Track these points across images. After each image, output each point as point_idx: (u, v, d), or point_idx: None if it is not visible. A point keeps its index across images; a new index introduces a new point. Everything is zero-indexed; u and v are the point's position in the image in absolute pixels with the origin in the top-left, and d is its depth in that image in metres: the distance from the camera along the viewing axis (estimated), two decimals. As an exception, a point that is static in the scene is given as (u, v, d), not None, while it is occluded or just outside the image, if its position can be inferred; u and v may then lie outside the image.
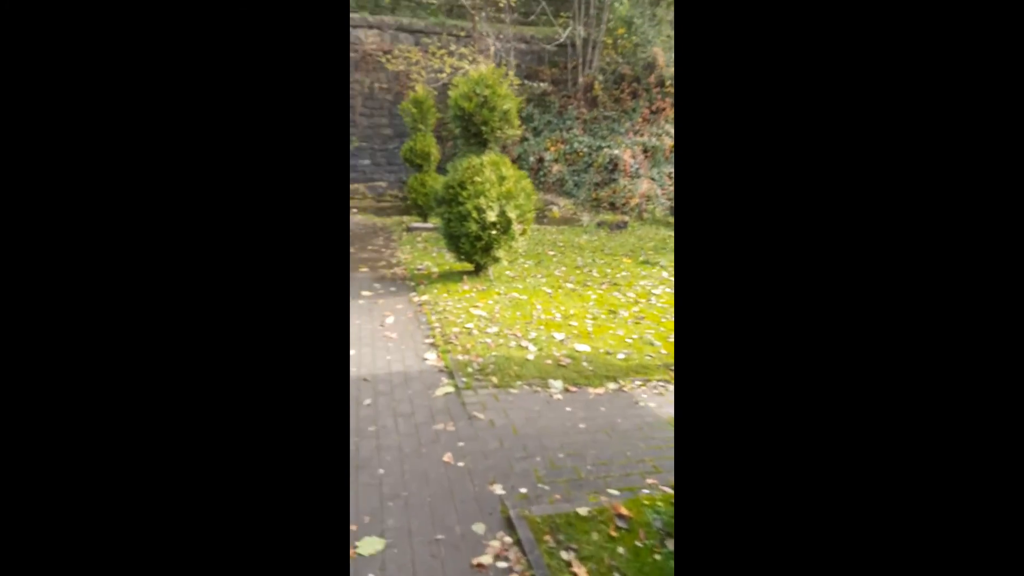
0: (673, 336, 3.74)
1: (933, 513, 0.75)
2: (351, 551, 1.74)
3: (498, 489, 2.09)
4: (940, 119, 0.78)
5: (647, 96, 11.83)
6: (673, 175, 10.35)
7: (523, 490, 2.09)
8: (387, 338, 3.70)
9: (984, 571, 0.72)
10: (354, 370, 3.17)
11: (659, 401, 2.89)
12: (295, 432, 0.85)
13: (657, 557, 1.73)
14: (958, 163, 0.77)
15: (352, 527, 1.86)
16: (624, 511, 1.92)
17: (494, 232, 4.86)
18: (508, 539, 1.81)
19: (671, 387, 3.04)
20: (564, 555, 1.73)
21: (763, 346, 0.83)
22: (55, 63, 0.79)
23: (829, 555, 0.78)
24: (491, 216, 4.75)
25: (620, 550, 1.75)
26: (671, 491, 2.07)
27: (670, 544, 1.77)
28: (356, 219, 9.56)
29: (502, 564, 1.71)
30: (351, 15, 12.66)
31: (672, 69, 11.39)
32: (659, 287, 5.16)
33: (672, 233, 8.25)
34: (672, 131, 11.02)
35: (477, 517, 1.93)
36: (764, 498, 0.81)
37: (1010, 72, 0.75)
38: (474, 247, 4.95)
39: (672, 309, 4.41)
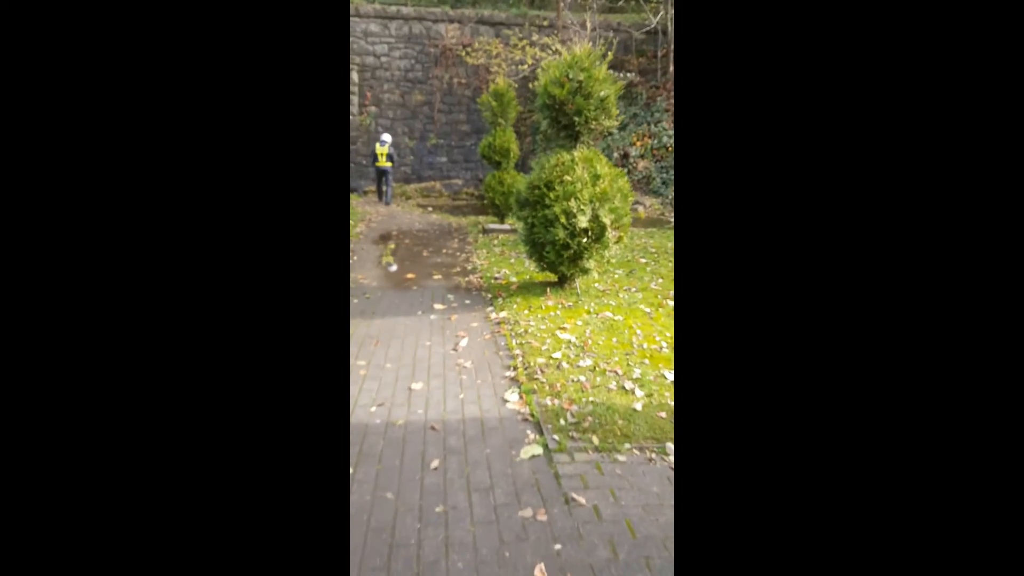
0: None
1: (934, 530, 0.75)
2: None
3: (617, 640, 1.42)
4: (943, 119, 0.79)
5: (748, 84, 10.60)
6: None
7: (653, 643, 1.41)
8: (460, 367, 3.13)
9: (984, 571, 0.73)
10: (420, 411, 2.61)
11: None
12: (291, 443, 0.82)
13: None
14: (961, 164, 0.78)
15: None
16: None
17: (585, 240, 4.17)
18: None
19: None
20: None
21: (765, 348, 0.83)
22: (58, 64, 0.79)
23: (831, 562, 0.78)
24: (582, 221, 4.07)
25: None
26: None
27: None
28: (431, 218, 9.19)
29: None
30: (431, 10, 12.41)
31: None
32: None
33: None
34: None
35: None
36: (765, 505, 0.81)
37: (1010, 72, 0.76)
38: (560, 257, 4.29)
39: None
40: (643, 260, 6.01)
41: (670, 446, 2.32)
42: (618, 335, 3.61)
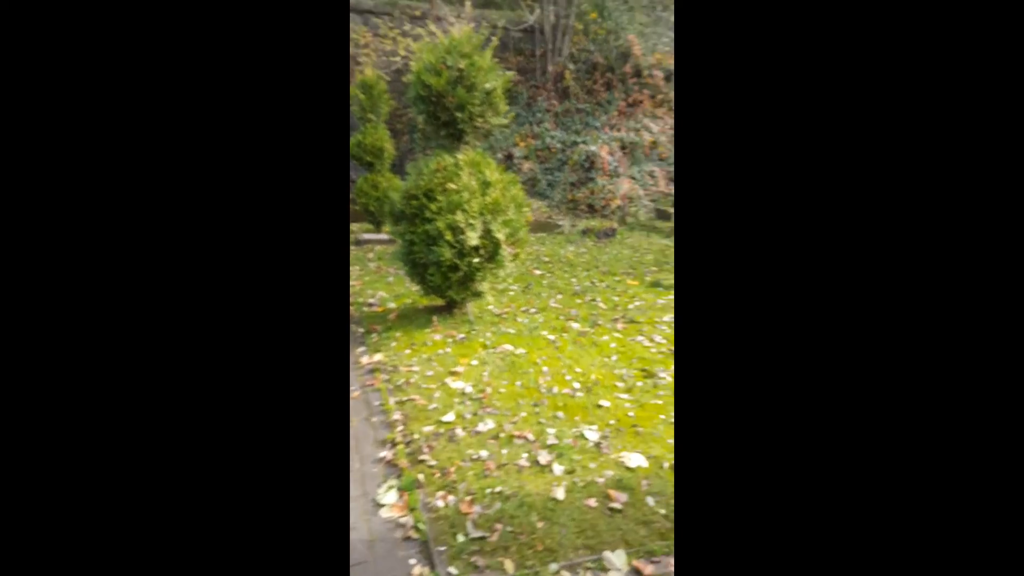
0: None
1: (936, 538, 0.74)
2: None
3: None
4: (946, 119, 0.77)
5: (623, 88, 10.89)
6: (654, 174, 9.55)
7: None
8: (317, 450, 2.29)
9: (984, 571, 0.72)
10: (249, 544, 1.75)
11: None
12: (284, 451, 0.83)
13: None
14: (965, 165, 0.76)
15: None
16: None
17: (476, 260, 3.49)
18: None
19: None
20: None
21: (769, 353, 0.81)
22: (55, 63, 0.79)
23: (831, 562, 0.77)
24: (472, 239, 3.38)
25: None
26: None
27: None
28: (295, 227, 7.96)
29: None
30: (287, -11, 10.97)
31: (648, 59, 10.60)
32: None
33: (670, 243, 7.14)
34: (652, 126, 10.28)
35: None
36: (765, 507, 0.79)
37: (1010, 72, 0.75)
38: (448, 280, 3.57)
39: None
40: (538, 272, 5.50)
41: (609, 556, 1.72)
42: (522, 376, 2.98)
